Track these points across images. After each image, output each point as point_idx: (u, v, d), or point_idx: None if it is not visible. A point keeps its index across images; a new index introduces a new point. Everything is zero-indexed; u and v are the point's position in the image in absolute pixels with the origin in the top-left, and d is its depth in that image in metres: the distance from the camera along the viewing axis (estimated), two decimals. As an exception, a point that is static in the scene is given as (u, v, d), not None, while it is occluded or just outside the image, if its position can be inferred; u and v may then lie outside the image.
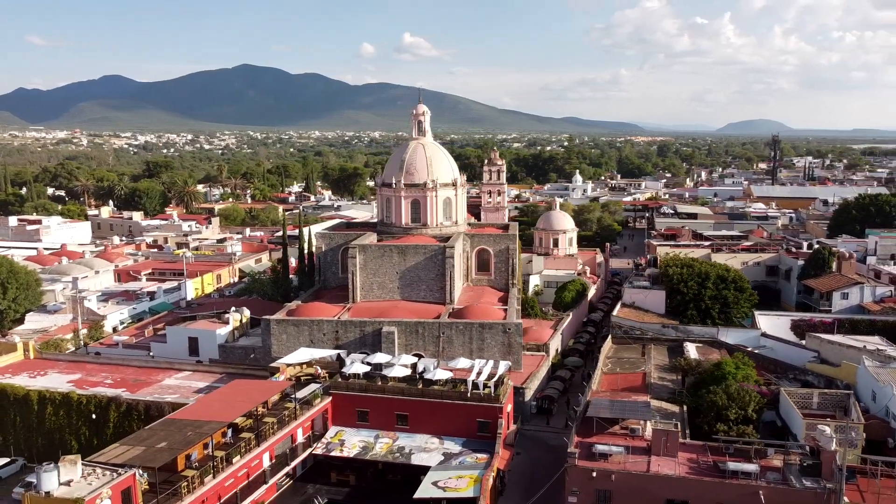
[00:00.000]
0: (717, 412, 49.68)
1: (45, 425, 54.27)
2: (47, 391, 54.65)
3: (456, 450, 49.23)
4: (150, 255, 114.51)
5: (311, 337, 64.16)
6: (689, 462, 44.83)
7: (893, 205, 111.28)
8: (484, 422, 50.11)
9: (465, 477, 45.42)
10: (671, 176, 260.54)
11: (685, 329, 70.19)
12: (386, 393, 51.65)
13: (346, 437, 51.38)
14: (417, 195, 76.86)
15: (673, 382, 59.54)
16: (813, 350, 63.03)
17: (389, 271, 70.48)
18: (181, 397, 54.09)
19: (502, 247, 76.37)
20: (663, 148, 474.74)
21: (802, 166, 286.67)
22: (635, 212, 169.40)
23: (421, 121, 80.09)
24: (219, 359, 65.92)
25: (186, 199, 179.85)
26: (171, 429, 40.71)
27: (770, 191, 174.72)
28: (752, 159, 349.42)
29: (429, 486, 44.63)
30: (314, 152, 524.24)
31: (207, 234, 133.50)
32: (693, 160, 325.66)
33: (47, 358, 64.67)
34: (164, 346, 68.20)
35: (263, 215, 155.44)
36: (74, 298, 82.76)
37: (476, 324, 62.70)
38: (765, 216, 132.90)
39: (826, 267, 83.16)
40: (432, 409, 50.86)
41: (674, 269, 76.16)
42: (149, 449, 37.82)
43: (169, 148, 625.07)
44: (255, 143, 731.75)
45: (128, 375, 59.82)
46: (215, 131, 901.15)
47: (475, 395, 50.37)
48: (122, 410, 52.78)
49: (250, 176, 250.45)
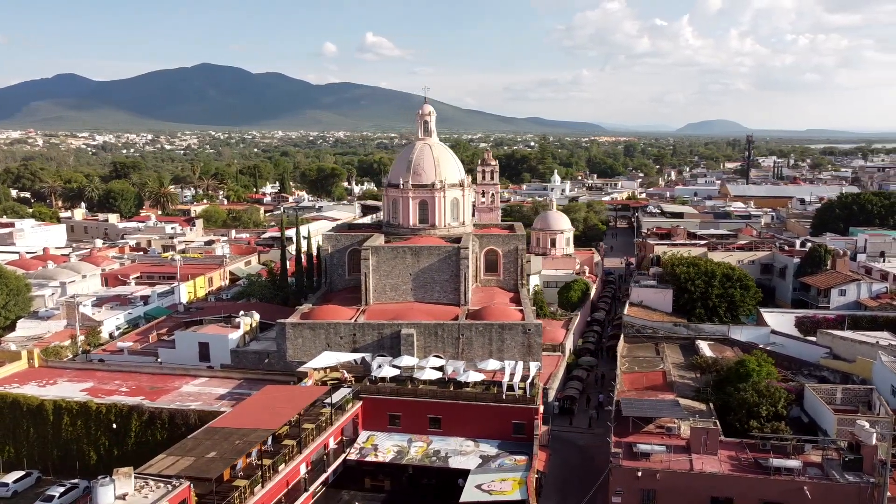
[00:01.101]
0: (748, 409, 50.32)
1: (61, 436, 52.37)
2: (63, 401, 52.74)
3: (492, 452, 48.93)
4: (136, 258, 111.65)
5: (328, 340, 63.13)
6: (729, 459, 45.31)
7: (875, 203, 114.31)
8: (519, 423, 49.93)
9: (507, 479, 45.16)
10: (644, 176, 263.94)
11: (696, 327, 71.03)
12: (418, 396, 51.07)
13: (378, 441, 50.68)
14: (425, 196, 76.26)
15: (693, 380, 60.04)
16: (825, 346, 64.27)
17: (403, 273, 69.80)
18: (204, 405, 52.75)
19: (511, 247, 76.24)
20: (629, 148, 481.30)
21: (769, 166, 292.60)
22: (616, 211, 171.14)
23: (427, 121, 79.58)
24: (231, 364, 64.47)
25: (162, 200, 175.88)
26: (216, 438, 39.56)
27: (746, 190, 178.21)
28: (718, 159, 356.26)
29: (473, 489, 44.26)
30: (280, 152, 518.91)
31: (191, 236, 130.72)
32: (664, 160, 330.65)
33: (53, 366, 62.49)
34: (172, 352, 66.49)
35: (245, 217, 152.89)
36: (69, 304, 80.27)
37: (496, 325, 62.43)
38: (747, 215, 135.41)
39: (822, 264, 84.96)
40: (466, 412, 50.50)
41: (680, 267, 77.03)
42: (199, 459, 36.69)
43: (129, 148, 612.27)
44: (218, 143, 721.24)
45: (142, 383, 58.09)
46: (176, 131, 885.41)
47: (510, 396, 50.14)
48: (145, 419, 51.20)
49: (221, 176, 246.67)
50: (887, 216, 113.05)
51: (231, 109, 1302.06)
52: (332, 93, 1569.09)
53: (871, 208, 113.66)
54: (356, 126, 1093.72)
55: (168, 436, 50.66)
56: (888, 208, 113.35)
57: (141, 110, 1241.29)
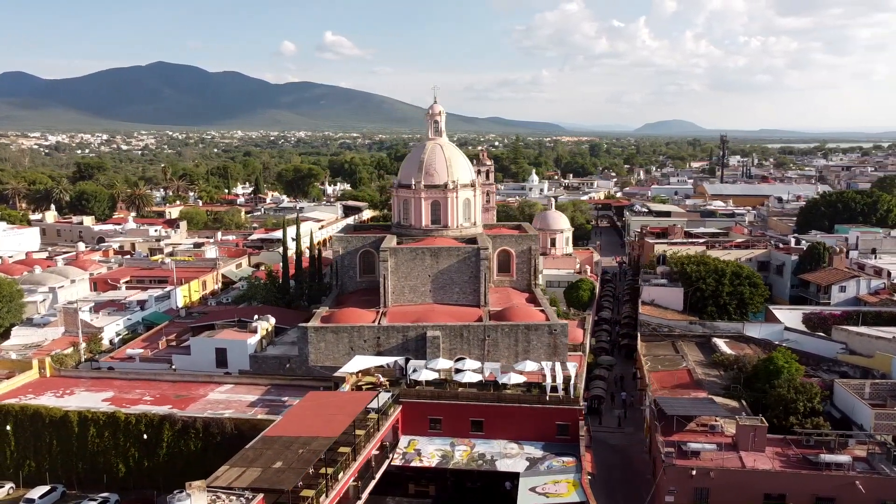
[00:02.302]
0: (785, 405, 50.97)
1: (87, 448, 50.41)
2: (88, 411, 50.75)
3: (538, 454, 48.63)
4: (123, 261, 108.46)
5: (351, 344, 61.99)
6: (777, 456, 45.78)
7: (858, 201, 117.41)
8: (563, 424, 49.71)
9: (561, 481, 44.90)
10: (617, 175, 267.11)
11: (712, 325, 71.88)
12: (459, 399, 50.48)
13: (420, 446, 49.96)
14: (438, 196, 75.56)
15: (719, 378, 60.67)
16: (840, 342, 65.59)
17: (422, 274, 69.03)
18: (237, 412, 51.39)
19: (524, 247, 76.10)
20: (594, 147, 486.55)
21: (736, 165, 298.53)
22: (597, 210, 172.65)
23: (437, 121, 78.70)
24: (249, 370, 62.87)
25: (137, 202, 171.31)
26: (276, 447, 38.39)
27: (722, 189, 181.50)
28: (685, 158, 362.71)
29: (527, 492, 43.89)
30: (242, 153, 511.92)
31: (176, 238, 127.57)
32: (633, 160, 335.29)
33: (66, 375, 60.17)
34: (187, 359, 64.49)
35: (227, 218, 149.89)
36: (67, 310, 77.48)
37: (521, 325, 62.11)
38: (731, 213, 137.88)
39: (821, 262, 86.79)
40: (509, 414, 50.12)
41: (690, 266, 77.84)
42: (267, 470, 35.53)
43: (83, 148, 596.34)
44: (177, 143, 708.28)
45: (165, 391, 56.29)
46: (132, 131, 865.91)
47: (553, 397, 49.90)
48: (178, 429, 49.59)
49: (190, 177, 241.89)
50: (870, 214, 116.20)
51: (188, 109, 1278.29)
52: (292, 92, 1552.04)
53: (855, 206, 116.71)
54: (316, 126, 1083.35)
55: (202, 445, 49.37)
56: (870, 206, 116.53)
57: (94, 109, 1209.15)
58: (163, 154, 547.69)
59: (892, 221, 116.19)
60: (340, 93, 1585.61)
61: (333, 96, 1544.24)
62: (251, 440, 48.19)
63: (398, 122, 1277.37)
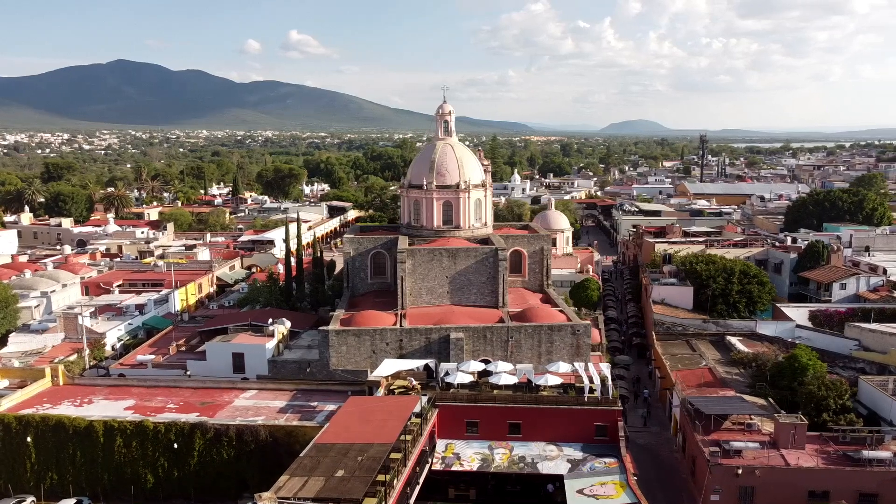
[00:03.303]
0: (816, 403, 51.56)
1: (113, 459, 48.69)
2: (114, 421, 49.06)
3: (578, 456, 48.38)
4: (113, 264, 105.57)
5: (373, 347, 61.18)
6: (817, 453, 46.26)
7: (845, 200, 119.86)
8: (602, 425, 49.54)
9: (607, 483, 44.73)
10: (594, 175, 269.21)
11: (725, 324, 72.58)
12: (497, 402, 50.01)
13: (458, 449, 49.36)
14: (450, 197, 74.99)
15: (740, 376, 61.25)
16: (853, 339, 66.71)
17: (439, 276, 68.41)
18: (268, 419, 50.18)
19: (536, 248, 75.89)
20: (565, 147, 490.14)
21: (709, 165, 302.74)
22: (584, 210, 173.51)
23: (447, 120, 78.11)
24: (268, 375, 61.48)
25: (116, 203, 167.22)
26: (332, 455, 37.47)
27: (704, 188, 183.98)
28: (657, 157, 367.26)
29: (575, 495, 43.64)
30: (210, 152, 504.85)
31: (164, 240, 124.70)
32: (609, 160, 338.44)
33: (81, 384, 58.14)
34: (203, 364, 62.84)
35: (212, 219, 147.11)
36: (67, 316, 75.09)
37: (545, 326, 61.90)
38: (718, 212, 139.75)
39: (821, 259, 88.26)
40: (546, 416, 49.79)
41: (700, 265, 78.50)
42: (330, 479, 34.61)
43: (43, 148, 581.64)
44: (141, 142, 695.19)
45: (188, 398, 54.73)
46: (93, 130, 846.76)
47: (591, 398, 49.74)
48: (209, 437, 48.19)
49: (164, 178, 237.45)
50: (856, 212, 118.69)
51: (151, 108, 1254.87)
52: (257, 91, 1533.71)
53: (842, 205, 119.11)
54: (283, 125, 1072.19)
55: (235, 454, 48.12)
56: (857, 204, 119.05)
57: (53, 108, 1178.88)
58: (127, 154, 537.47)
59: (876, 219, 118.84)
60: (307, 92, 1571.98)
61: (299, 95, 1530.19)
62: (286, 447, 47.58)
63: (366, 121, 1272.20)
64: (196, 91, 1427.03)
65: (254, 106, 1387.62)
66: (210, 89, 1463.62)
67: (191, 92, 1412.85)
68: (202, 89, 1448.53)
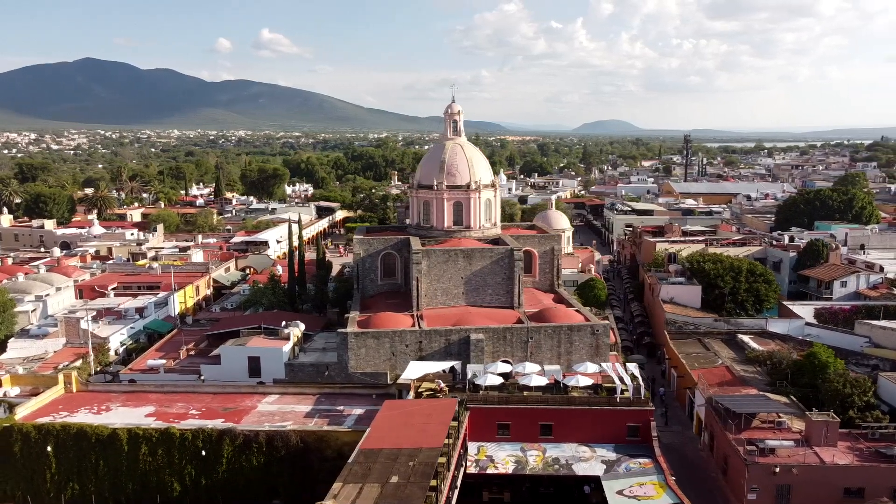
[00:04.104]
0: (842, 400, 52.05)
1: (137, 467, 47.34)
2: (138, 428, 47.75)
3: (612, 456, 48.18)
4: (105, 267, 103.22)
5: (393, 349, 60.53)
6: (849, 450, 46.63)
7: (834, 199, 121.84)
8: (634, 426, 49.44)
9: (646, 483, 44.61)
10: (575, 174, 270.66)
11: (736, 322, 73.10)
12: (528, 403, 49.66)
13: (490, 452, 48.86)
14: (460, 197, 74.53)
15: (758, 374, 61.69)
16: (864, 336, 67.61)
17: (455, 276, 67.87)
18: (297, 424, 49.24)
19: (547, 248, 75.78)
20: (543, 147, 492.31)
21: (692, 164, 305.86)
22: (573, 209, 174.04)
23: (456, 120, 77.54)
24: (284, 378, 60.47)
25: (99, 204, 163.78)
26: (381, 460, 36.74)
27: (689, 187, 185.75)
28: (636, 157, 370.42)
29: (616, 496, 43.41)
30: (184, 152, 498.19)
31: (154, 242, 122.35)
32: (591, 159, 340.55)
33: (95, 390, 56.49)
34: (217, 369, 61.62)
35: (201, 220, 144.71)
36: (69, 320, 73.21)
37: (564, 327, 61.78)
38: (709, 211, 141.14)
39: (821, 258, 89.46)
40: (578, 417, 49.50)
41: (708, 264, 79.03)
42: (386, 485, 33.91)
43: (10, 148, 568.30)
44: (111, 142, 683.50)
45: (209, 404, 53.49)
46: (61, 130, 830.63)
47: (624, 399, 49.64)
48: (238, 444, 47.10)
49: (142, 178, 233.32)
50: (846, 210, 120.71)
51: (120, 107, 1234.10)
52: (229, 90, 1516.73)
53: (832, 203, 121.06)
54: (256, 125, 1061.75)
55: (265, 460, 47.10)
56: (846, 203, 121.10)
57: (18, 108, 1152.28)
58: (98, 154, 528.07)
59: (865, 218, 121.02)
60: (279, 91, 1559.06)
61: (272, 95, 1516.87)
62: (317, 452, 46.88)
63: (340, 121, 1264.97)
64: (166, 90, 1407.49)
65: (225, 105, 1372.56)
66: (180, 88, 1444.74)
67: (161, 91, 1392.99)
68: (172, 88, 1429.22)
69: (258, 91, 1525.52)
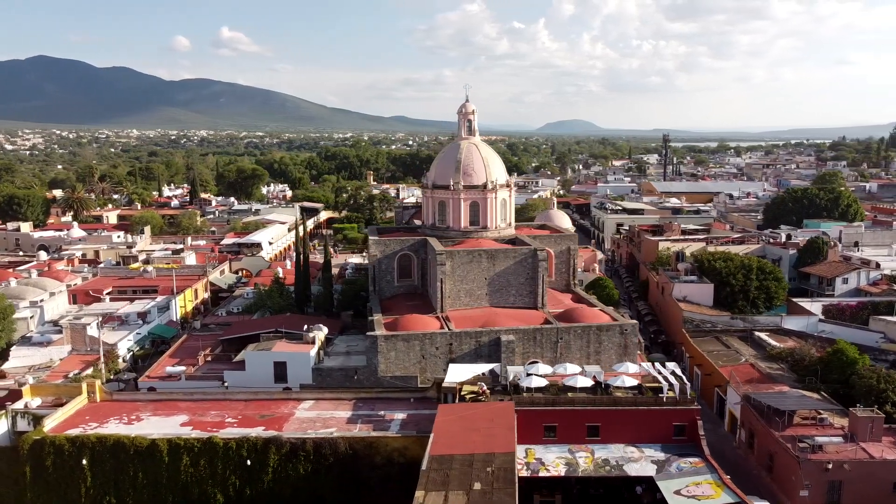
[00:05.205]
0: (877, 396, 52.82)
1: (178, 479, 45.72)
2: (179, 438, 46.08)
3: (661, 456, 48.02)
4: (97, 271, 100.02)
5: (423, 352, 59.73)
6: (895, 445, 47.32)
7: (822, 198, 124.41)
8: (680, 425, 49.38)
9: (701, 483, 44.53)
10: (551, 174, 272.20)
11: (752, 319, 73.89)
12: (576, 405, 49.28)
13: (539, 454, 48.27)
14: (477, 197, 73.97)
15: (782, 370, 62.33)
16: (879, 332, 68.92)
17: (478, 277, 67.23)
18: (342, 430, 48.03)
19: (563, 247, 75.71)
20: (512, 146, 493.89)
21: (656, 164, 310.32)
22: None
23: (471, 120, 76.94)
24: (312, 384, 59.08)
25: (76, 206, 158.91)
26: (457, 466, 35.95)
27: (670, 186, 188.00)
28: (607, 157, 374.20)
29: (674, 496, 43.21)
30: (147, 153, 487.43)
31: (141, 244, 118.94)
32: (565, 159, 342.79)
33: (120, 399, 54.35)
34: (241, 375, 59.95)
35: (185, 221, 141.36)
36: (74, 327, 70.67)
37: (593, 327, 61.69)
38: (696, 210, 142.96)
39: (821, 255, 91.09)
40: (624, 418, 49.21)
41: (720, 262, 79.76)
42: (472, 493, 33.16)
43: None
44: (68, 142, 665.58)
45: (243, 411, 51.88)
46: (14, 129, 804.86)
47: (670, 398, 49.59)
48: (285, 452, 45.81)
49: (111, 179, 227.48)
50: (832, 209, 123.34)
51: (75, 106, 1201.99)
52: (188, 89, 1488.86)
53: (819, 202, 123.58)
54: (216, 125, 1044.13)
55: (312, 468, 45.90)
56: (833, 201, 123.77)
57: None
58: (56, 154, 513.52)
59: (850, 216, 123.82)
60: (240, 90, 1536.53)
61: (232, 94, 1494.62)
62: (366, 459, 45.92)
63: (303, 120, 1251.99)
64: (123, 89, 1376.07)
65: (185, 105, 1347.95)
66: (138, 87, 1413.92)
67: (117, 90, 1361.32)
68: (129, 87, 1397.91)
69: (218, 90, 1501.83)
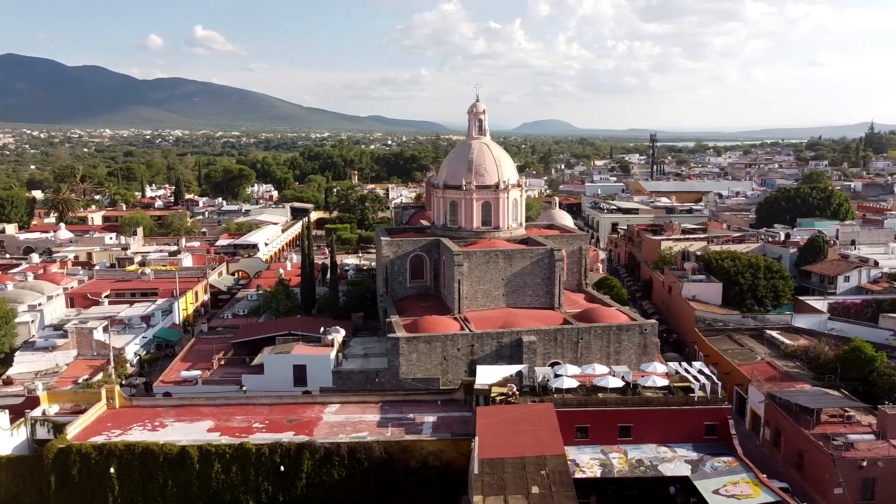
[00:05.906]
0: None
1: (210, 486, 44.70)
2: (210, 445, 45.07)
3: (694, 456, 48.08)
4: (94, 273, 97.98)
5: (444, 353, 59.28)
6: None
7: (815, 197, 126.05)
8: (711, 424, 49.48)
9: (738, 482, 44.62)
10: (536, 174, 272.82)
11: (763, 318, 74.44)
12: (608, 406, 49.15)
13: (572, 456, 47.90)
14: (489, 197, 73.63)
15: (799, 368, 62.81)
16: (889, 329, 69.80)
17: (495, 278, 66.91)
18: (373, 434, 47.38)
19: (575, 247, 75.68)
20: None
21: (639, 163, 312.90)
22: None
23: (481, 119, 76.54)
24: (332, 387, 58.29)
25: (61, 207, 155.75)
26: (509, 470, 35.56)
27: (659, 186, 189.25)
28: (590, 157, 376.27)
29: (712, 496, 43.27)
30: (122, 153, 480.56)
31: (134, 246, 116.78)
32: (549, 159, 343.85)
33: (140, 405, 53.06)
34: (260, 378, 58.96)
35: (176, 222, 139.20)
36: (80, 331, 69.04)
37: (613, 327, 61.68)
38: (689, 210, 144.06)
39: (822, 254, 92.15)
40: (656, 418, 49.22)
41: (728, 261, 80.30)
42: (531, 496, 32.82)
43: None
44: (39, 142, 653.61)
45: (269, 415, 50.91)
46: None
47: (700, 398, 49.67)
48: (319, 457, 45.01)
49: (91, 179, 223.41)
50: (825, 208, 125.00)
51: (45, 105, 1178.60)
52: (161, 88, 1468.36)
53: (812, 201, 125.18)
54: (191, 124, 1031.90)
55: (347, 473, 45.15)
56: (825, 200, 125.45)
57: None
58: (27, 154, 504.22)
59: (842, 215, 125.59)
60: (215, 90, 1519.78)
61: (207, 93, 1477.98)
62: (401, 463, 45.29)
63: (279, 120, 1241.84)
64: (95, 88, 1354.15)
65: (159, 104, 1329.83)
66: (110, 86, 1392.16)
67: (89, 89, 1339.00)
68: (101, 86, 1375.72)
69: (193, 89, 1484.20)
